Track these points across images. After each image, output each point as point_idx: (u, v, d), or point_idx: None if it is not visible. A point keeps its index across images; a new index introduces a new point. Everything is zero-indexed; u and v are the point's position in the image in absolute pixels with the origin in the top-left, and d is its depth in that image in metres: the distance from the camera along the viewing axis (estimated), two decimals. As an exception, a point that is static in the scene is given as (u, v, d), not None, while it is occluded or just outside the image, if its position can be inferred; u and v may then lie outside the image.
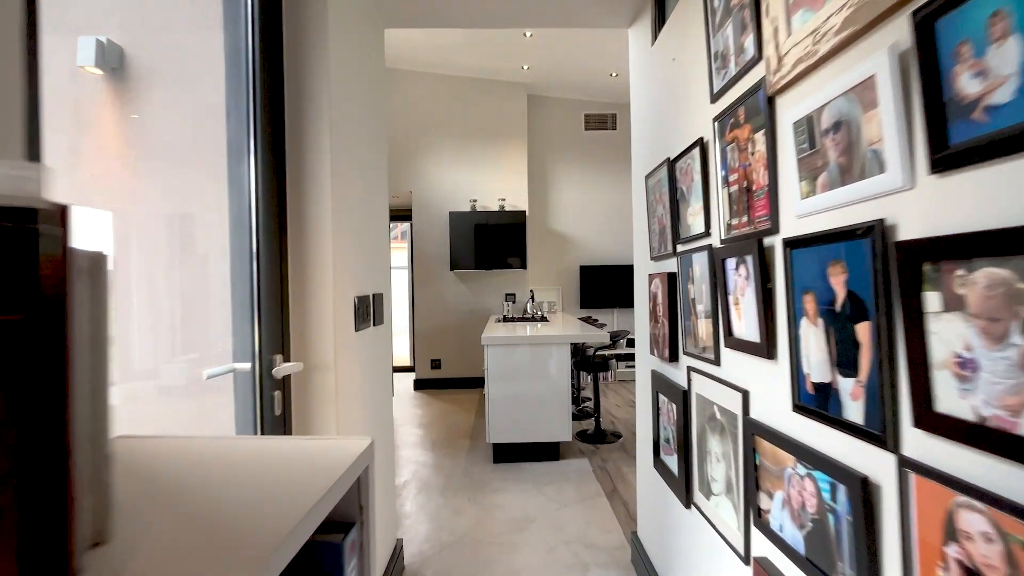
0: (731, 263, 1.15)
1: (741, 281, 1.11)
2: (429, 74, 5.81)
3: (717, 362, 1.28)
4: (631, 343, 6.04)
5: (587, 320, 5.25)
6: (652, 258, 1.80)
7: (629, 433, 3.99)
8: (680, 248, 1.54)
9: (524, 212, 5.66)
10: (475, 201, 5.75)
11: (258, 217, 1.29)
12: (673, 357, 1.59)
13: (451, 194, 5.85)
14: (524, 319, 4.70)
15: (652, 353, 1.78)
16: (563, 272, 6.36)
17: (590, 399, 5.19)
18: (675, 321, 1.58)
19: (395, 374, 6.93)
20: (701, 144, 1.33)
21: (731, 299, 1.17)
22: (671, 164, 1.57)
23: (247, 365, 1.28)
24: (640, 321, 2.02)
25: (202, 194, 1.35)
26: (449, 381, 5.87)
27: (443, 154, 5.84)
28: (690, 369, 1.45)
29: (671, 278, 1.59)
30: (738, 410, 1.15)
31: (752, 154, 1.05)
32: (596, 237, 6.38)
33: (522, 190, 5.87)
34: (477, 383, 5.73)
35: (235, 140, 1.29)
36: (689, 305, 1.45)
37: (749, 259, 1.06)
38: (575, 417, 4.41)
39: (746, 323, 1.10)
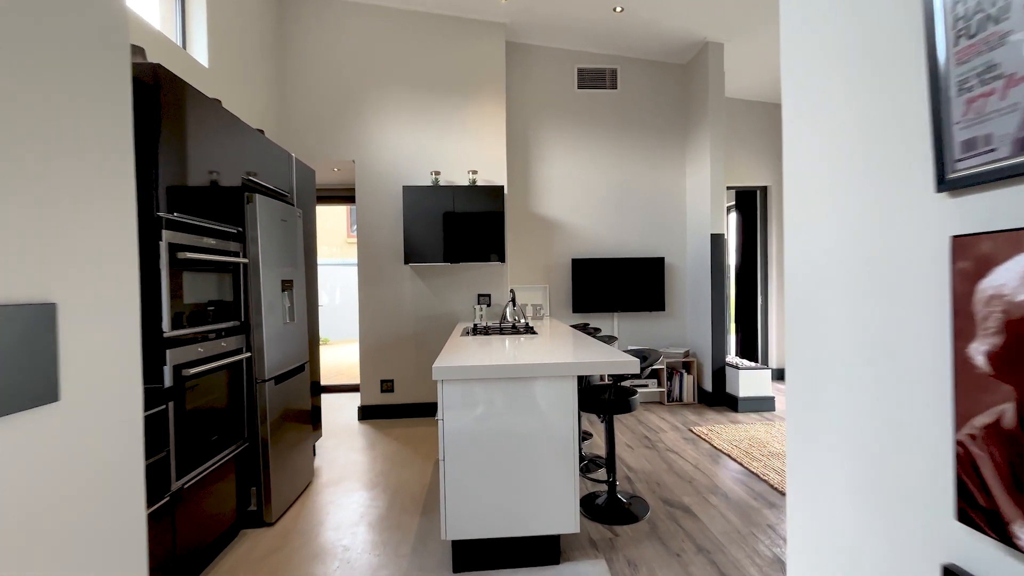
0: None
1: None
2: (376, 7, 4.44)
3: None
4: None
5: (582, 328, 3.98)
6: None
7: (656, 500, 2.72)
8: None
9: (502, 188, 4.34)
10: (438, 173, 4.40)
11: None
12: None
13: (406, 164, 4.49)
14: (502, 330, 3.39)
15: (974, 521, 0.49)
16: (551, 267, 5.07)
17: (589, 434, 3.92)
18: None
19: (341, 394, 5.54)
20: None
21: None
22: None
23: None
24: (814, 387, 0.73)
25: None
26: (404, 408, 4.51)
27: (396, 113, 4.47)
28: None
29: None
30: None
31: None
32: (592, 223, 5.11)
33: (499, 161, 4.55)
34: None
35: None
36: None
37: None
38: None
39: None
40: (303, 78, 4.38)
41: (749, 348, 5.93)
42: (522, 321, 3.72)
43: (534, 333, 3.24)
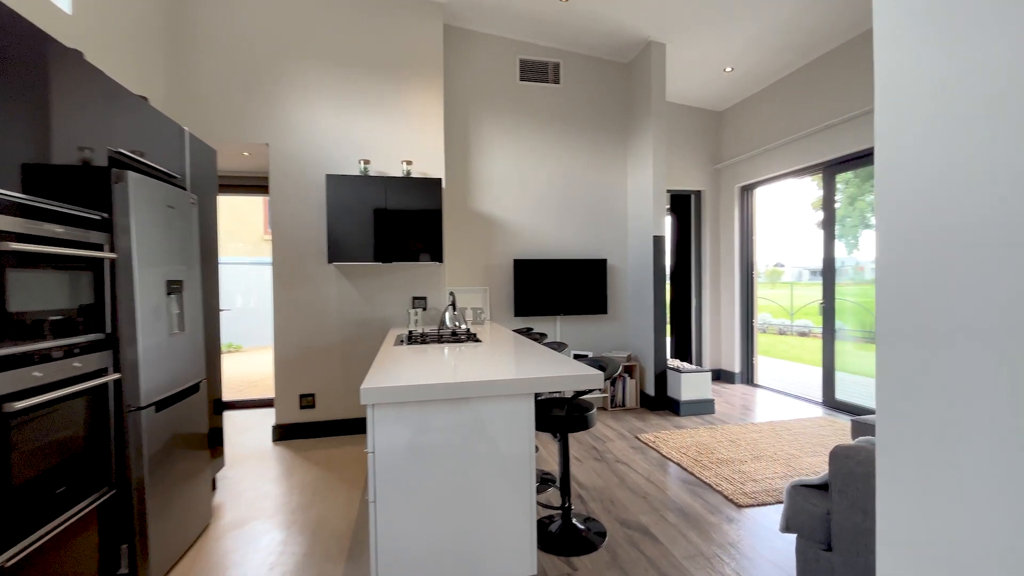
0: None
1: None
2: (296, -30, 3.91)
3: None
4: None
5: (526, 333, 3.72)
6: None
7: (613, 521, 2.51)
8: None
9: (439, 182, 3.98)
10: (368, 162, 3.95)
11: None
12: None
13: (330, 150, 3.99)
14: (441, 337, 3.04)
15: None
16: (491, 268, 4.77)
17: (535, 448, 3.66)
18: None
19: (253, 411, 4.87)
20: None
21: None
22: None
23: None
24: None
25: None
26: (327, 426, 4.00)
27: (319, 92, 3.96)
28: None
29: None
30: None
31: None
32: (534, 222, 4.88)
33: (436, 152, 4.18)
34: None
35: None
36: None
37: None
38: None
39: None
40: (206, 42, 3.75)
41: (683, 350, 5.99)
42: (463, 327, 3.39)
43: (478, 340, 2.92)
